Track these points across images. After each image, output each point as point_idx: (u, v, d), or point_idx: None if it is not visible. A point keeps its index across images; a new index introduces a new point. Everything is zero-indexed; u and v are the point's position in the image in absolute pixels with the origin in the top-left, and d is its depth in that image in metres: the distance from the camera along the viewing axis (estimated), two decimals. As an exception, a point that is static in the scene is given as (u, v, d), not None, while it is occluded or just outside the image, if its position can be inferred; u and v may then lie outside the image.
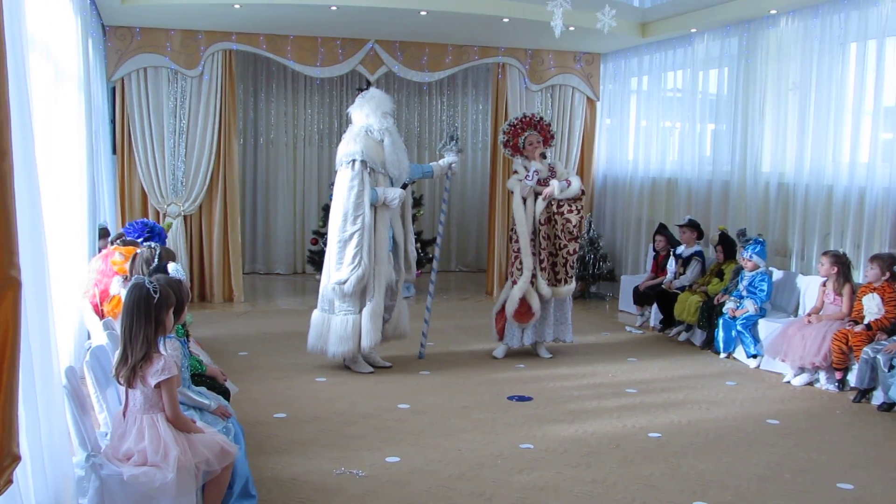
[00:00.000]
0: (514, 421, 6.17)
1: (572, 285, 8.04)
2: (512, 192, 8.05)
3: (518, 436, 5.83)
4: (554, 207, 7.88)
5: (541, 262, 7.88)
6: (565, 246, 7.91)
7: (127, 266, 5.88)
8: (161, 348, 3.95)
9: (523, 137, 8.04)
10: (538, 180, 7.85)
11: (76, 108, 7.06)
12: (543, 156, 7.98)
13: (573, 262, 7.98)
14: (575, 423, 6.13)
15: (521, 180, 7.89)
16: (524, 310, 7.90)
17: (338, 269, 7.26)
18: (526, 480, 5.02)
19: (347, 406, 6.46)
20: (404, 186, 7.49)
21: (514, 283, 7.90)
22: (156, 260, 5.52)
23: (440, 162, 7.97)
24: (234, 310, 10.39)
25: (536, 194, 7.89)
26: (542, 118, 8.20)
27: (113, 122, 10.48)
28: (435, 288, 8.22)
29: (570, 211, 7.89)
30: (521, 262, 7.88)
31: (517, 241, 7.90)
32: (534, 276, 7.88)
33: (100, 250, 7.64)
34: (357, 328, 7.29)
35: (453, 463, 5.28)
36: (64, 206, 6.12)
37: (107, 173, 9.97)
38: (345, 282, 7.19)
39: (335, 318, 7.35)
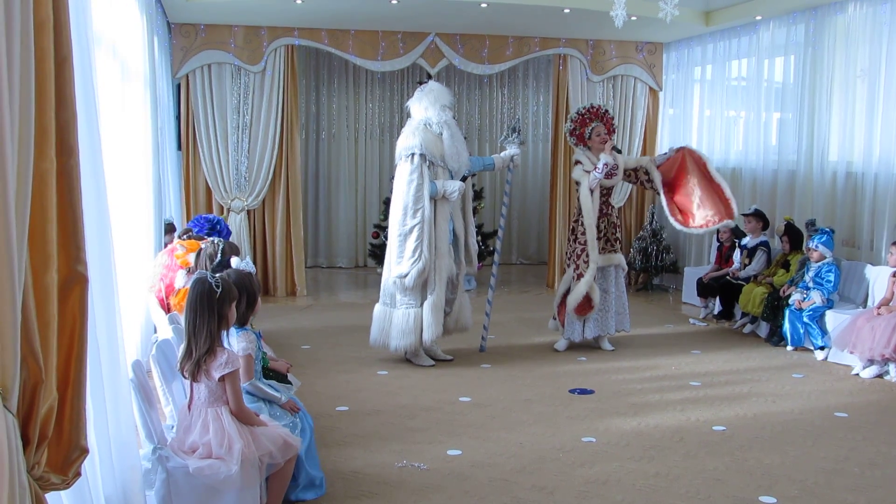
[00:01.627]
0: (576, 414, 6.14)
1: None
2: (578, 183, 7.95)
3: (580, 429, 5.80)
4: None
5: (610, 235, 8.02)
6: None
7: (189, 258, 5.99)
8: (225, 342, 4.01)
9: (590, 128, 7.97)
10: (607, 172, 7.78)
11: (142, 105, 7.19)
12: (618, 150, 7.97)
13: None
14: (637, 417, 6.08)
15: (587, 171, 7.82)
16: (584, 303, 7.85)
17: (398, 262, 7.27)
18: (588, 474, 5.00)
19: (409, 399, 6.49)
20: (464, 179, 7.45)
21: (581, 275, 7.82)
22: (219, 255, 5.61)
23: (502, 154, 7.94)
24: (296, 303, 10.50)
25: (605, 186, 7.90)
26: (606, 110, 8.15)
27: (178, 118, 10.65)
28: (496, 281, 8.19)
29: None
30: (587, 255, 7.82)
31: (584, 234, 7.84)
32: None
33: (165, 245, 7.79)
34: (418, 322, 7.30)
35: (515, 456, 5.27)
36: (130, 201, 6.23)
37: (172, 169, 10.16)
38: (406, 275, 7.20)
39: (397, 312, 7.37)
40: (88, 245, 2.89)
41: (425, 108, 7.40)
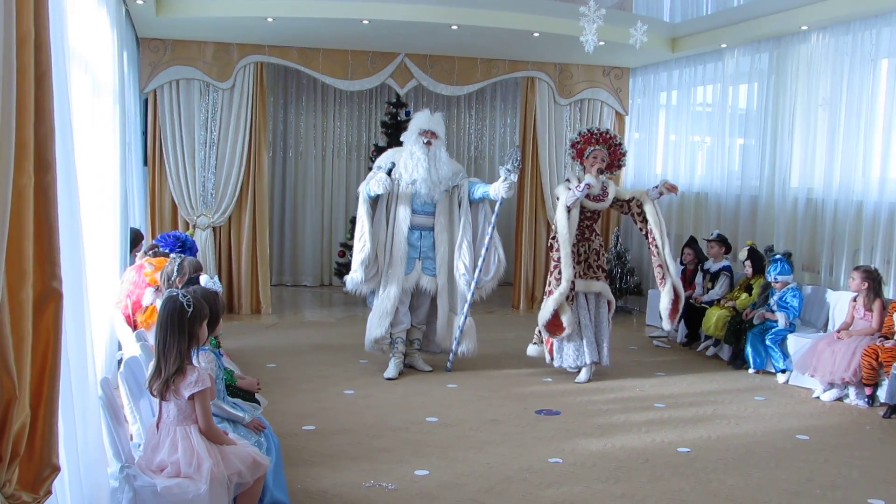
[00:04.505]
0: (543, 435, 6.17)
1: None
2: (558, 198, 7.80)
3: (547, 450, 5.82)
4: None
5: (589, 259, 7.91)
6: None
7: (157, 276, 5.96)
8: (194, 360, 3.99)
9: (591, 149, 7.86)
10: (588, 195, 7.70)
11: (111, 119, 7.13)
12: (601, 171, 7.81)
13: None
14: (603, 438, 6.12)
15: (569, 188, 7.68)
16: (554, 322, 7.63)
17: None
18: (555, 495, 5.02)
19: (376, 419, 6.48)
20: (389, 173, 7.66)
21: (551, 293, 7.63)
22: (175, 271, 5.58)
23: (495, 185, 7.96)
24: (261, 322, 10.44)
25: (588, 209, 7.82)
26: (621, 142, 8.06)
27: (144, 133, 10.57)
28: (469, 308, 7.92)
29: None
30: (559, 273, 7.62)
31: (558, 250, 7.65)
32: (572, 289, 7.64)
33: (132, 254, 7.73)
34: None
35: (482, 477, 5.28)
36: (98, 217, 6.18)
37: (138, 185, 10.07)
38: (356, 270, 7.65)
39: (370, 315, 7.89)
40: (61, 261, 2.88)
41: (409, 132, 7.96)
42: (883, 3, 7.87)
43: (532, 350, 8.08)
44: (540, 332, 7.89)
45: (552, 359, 7.86)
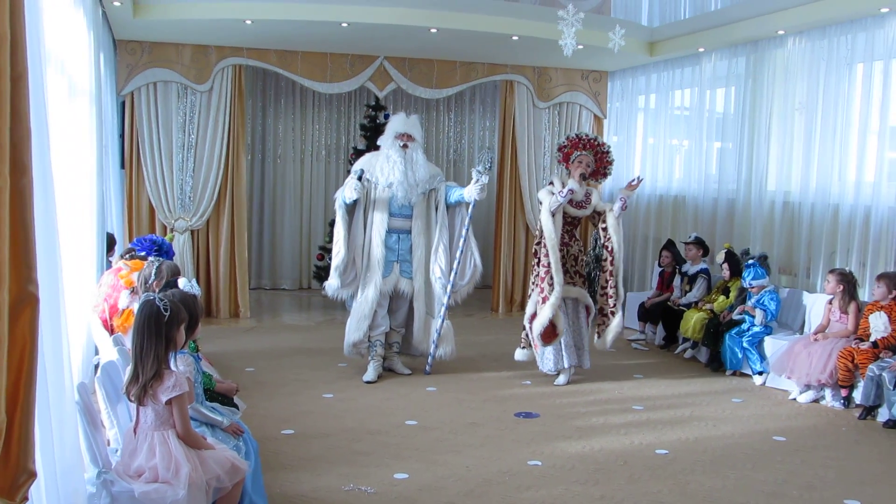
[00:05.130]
0: (522, 438, 6.17)
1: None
2: (541, 203, 7.76)
3: (525, 452, 5.83)
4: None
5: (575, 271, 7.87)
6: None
7: (133, 277, 5.93)
8: (172, 364, 3.97)
9: (577, 153, 7.85)
10: (570, 200, 7.69)
11: (87, 122, 7.08)
12: (584, 177, 7.77)
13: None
14: (582, 440, 6.14)
15: (552, 193, 7.67)
16: (550, 329, 7.57)
17: None
18: (534, 497, 5.03)
19: (355, 422, 6.47)
20: (360, 178, 7.69)
21: (545, 299, 7.54)
22: (153, 275, 5.55)
23: (468, 186, 7.99)
24: (240, 325, 10.40)
25: (570, 215, 7.81)
26: (609, 151, 8.04)
27: (122, 136, 10.50)
28: (446, 312, 7.91)
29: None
30: (552, 278, 7.52)
31: (546, 255, 7.57)
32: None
33: (108, 260, 7.69)
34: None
35: (461, 479, 5.29)
36: (74, 220, 6.13)
37: (115, 188, 10.00)
38: (332, 277, 7.74)
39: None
40: (37, 265, 2.85)
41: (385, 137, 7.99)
42: (858, 9, 7.95)
43: (520, 355, 7.99)
44: (527, 336, 7.85)
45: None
